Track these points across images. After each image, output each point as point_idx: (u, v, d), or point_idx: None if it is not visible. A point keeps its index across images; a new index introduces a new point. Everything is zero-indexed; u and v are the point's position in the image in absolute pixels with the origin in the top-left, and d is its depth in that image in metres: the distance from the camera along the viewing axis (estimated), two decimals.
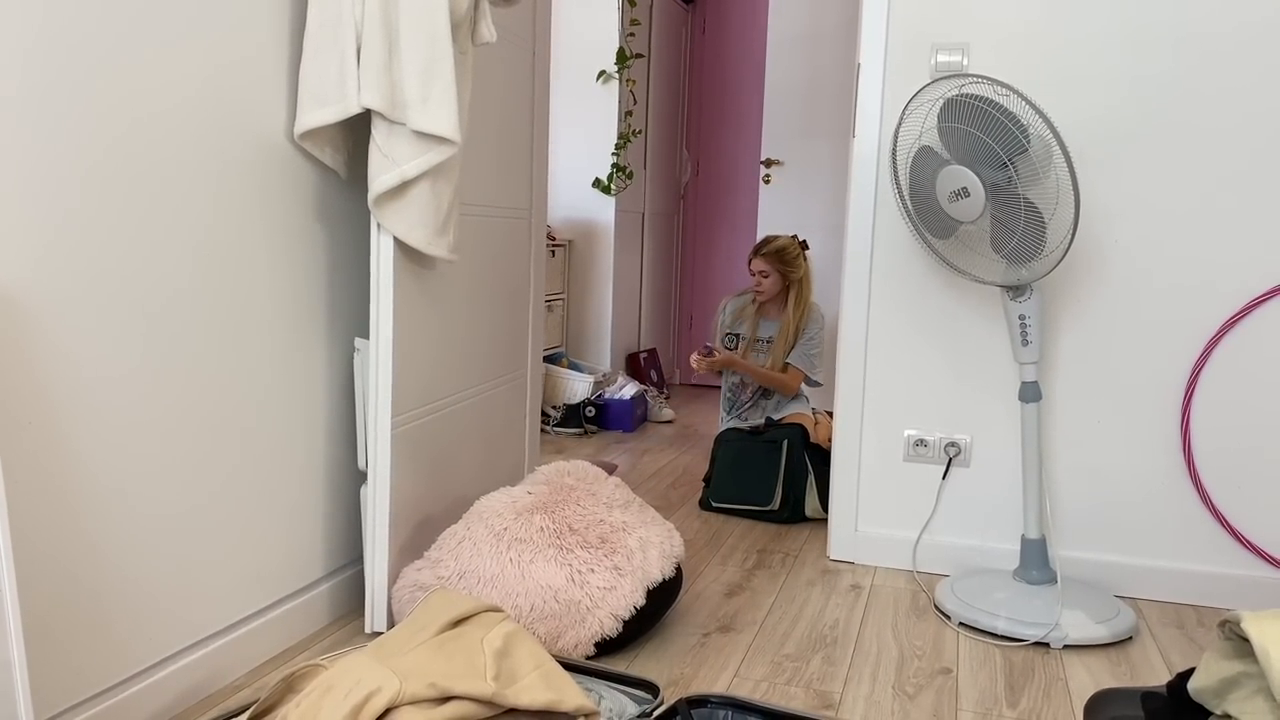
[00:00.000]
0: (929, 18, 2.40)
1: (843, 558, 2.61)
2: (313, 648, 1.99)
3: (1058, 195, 2.03)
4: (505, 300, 2.58)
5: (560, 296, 4.63)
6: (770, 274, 3.36)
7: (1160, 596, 2.38)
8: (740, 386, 3.47)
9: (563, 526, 1.99)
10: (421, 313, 2.10)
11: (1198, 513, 2.35)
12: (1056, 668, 1.99)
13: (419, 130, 1.84)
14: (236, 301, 1.78)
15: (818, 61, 4.50)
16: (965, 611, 2.18)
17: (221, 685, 1.80)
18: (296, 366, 1.96)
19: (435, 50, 1.83)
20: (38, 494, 1.41)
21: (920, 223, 2.22)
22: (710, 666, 1.95)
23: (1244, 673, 1.30)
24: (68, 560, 1.47)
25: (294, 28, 1.89)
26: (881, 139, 2.47)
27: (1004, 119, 2.00)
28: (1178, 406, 2.34)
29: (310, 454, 2.02)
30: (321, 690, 1.28)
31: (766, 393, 3.42)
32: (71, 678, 1.49)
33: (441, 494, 2.25)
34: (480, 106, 2.35)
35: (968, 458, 2.49)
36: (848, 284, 2.54)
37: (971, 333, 2.46)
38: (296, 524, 2.00)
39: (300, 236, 1.95)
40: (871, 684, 1.90)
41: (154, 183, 1.58)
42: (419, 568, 1.98)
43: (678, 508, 3.09)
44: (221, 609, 1.80)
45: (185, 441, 1.68)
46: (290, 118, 1.89)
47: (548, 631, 1.87)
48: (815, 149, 4.57)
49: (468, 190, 2.31)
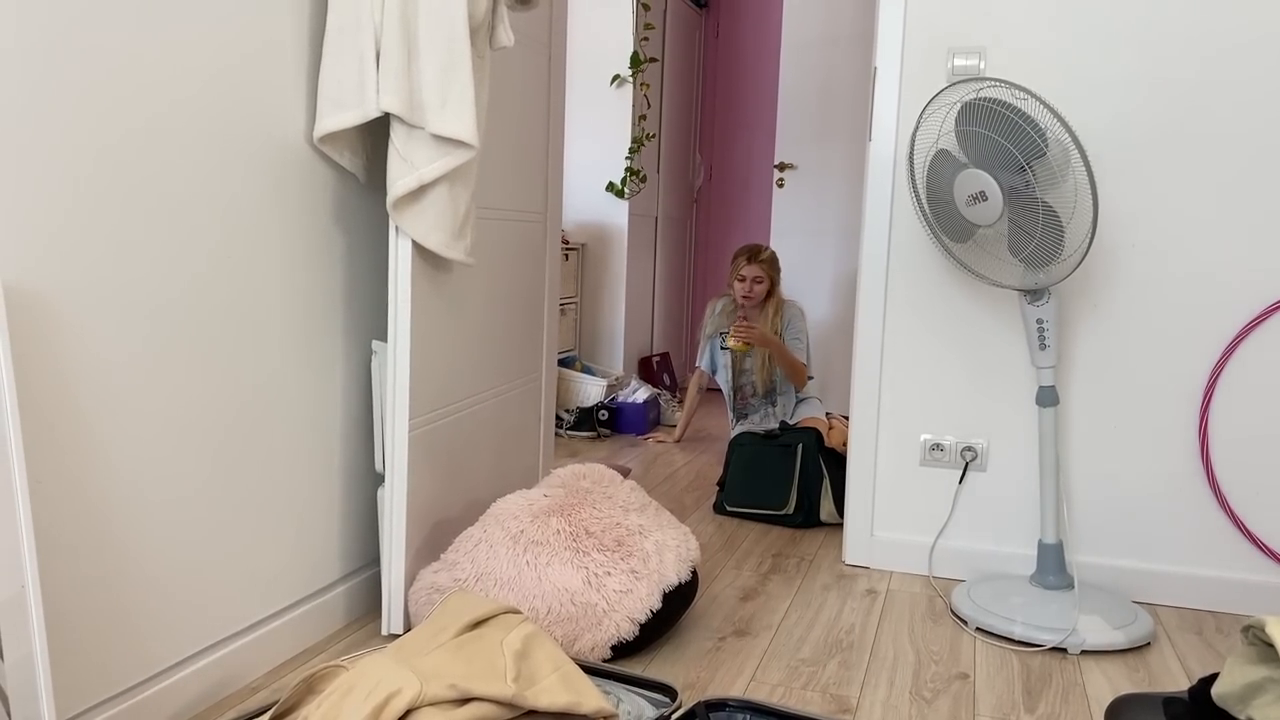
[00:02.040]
0: (945, 22, 2.40)
1: (858, 562, 2.60)
2: (329, 649, 1.99)
3: (1076, 199, 2.03)
4: (520, 303, 2.59)
5: (573, 300, 4.64)
6: (764, 279, 3.54)
7: (1178, 602, 2.37)
8: (741, 390, 3.54)
9: (579, 529, 1.99)
10: (439, 316, 2.11)
11: (1216, 518, 2.34)
12: (1074, 673, 1.98)
13: (437, 134, 1.85)
14: (255, 303, 1.79)
15: (832, 65, 4.50)
16: (982, 616, 2.17)
17: (240, 686, 1.80)
18: (314, 368, 1.96)
19: (453, 54, 1.84)
20: (61, 493, 1.42)
21: (937, 226, 2.21)
22: (726, 670, 1.95)
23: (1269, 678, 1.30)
24: (89, 561, 1.48)
25: (313, 31, 1.89)
26: (898, 143, 2.46)
27: (1022, 123, 2.00)
28: (1196, 411, 2.33)
29: (327, 456, 2.03)
30: (342, 691, 1.28)
31: (770, 397, 3.49)
32: (92, 677, 1.50)
33: (458, 496, 2.26)
34: (497, 110, 2.36)
35: (984, 462, 2.49)
36: (863, 287, 2.53)
37: (988, 337, 2.45)
38: (314, 526, 2.00)
39: (318, 239, 1.95)
40: (889, 689, 1.89)
41: (175, 184, 1.58)
42: (435, 570, 1.98)
43: (692, 511, 3.09)
44: (239, 610, 1.81)
45: (202, 443, 1.69)
46: (309, 121, 1.90)
47: (564, 634, 1.87)
48: (829, 153, 4.57)
49: (484, 193, 2.32)
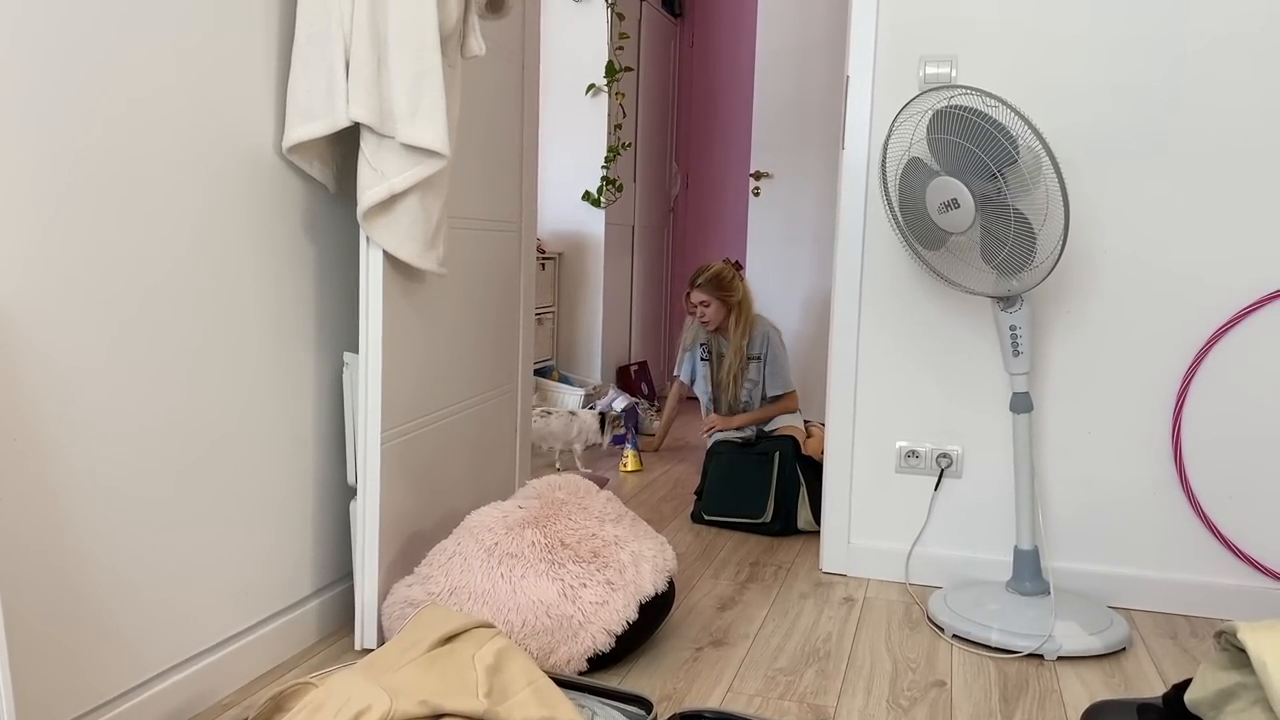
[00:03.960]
0: (917, 30, 2.41)
1: (835, 570, 2.60)
2: (301, 665, 1.97)
3: (1047, 206, 2.04)
4: (495, 313, 2.57)
5: (550, 309, 4.63)
6: (710, 302, 3.48)
7: (1153, 607, 2.38)
8: (716, 401, 3.54)
9: (554, 541, 1.98)
10: (411, 326, 2.09)
11: (1190, 523, 2.35)
12: (1050, 679, 1.98)
13: (408, 143, 1.84)
14: (224, 315, 1.76)
15: (806, 74, 4.51)
16: (958, 624, 2.17)
17: (210, 704, 1.77)
18: (285, 380, 1.94)
19: (424, 63, 1.83)
20: (23, 508, 1.39)
21: (910, 234, 2.22)
22: (703, 681, 1.94)
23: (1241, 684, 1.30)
24: (54, 577, 1.45)
25: (282, 41, 1.88)
26: (871, 151, 2.47)
27: (993, 130, 2.01)
28: (1169, 416, 2.35)
29: (299, 469, 2.00)
30: (311, 709, 1.26)
31: (743, 407, 3.50)
32: (59, 695, 1.47)
33: (431, 509, 2.24)
34: (469, 119, 2.35)
35: (960, 469, 2.49)
36: (838, 295, 2.54)
37: (962, 343, 2.46)
38: (285, 540, 1.98)
39: (289, 250, 1.93)
40: (866, 697, 1.88)
41: (141, 195, 1.56)
42: (409, 584, 1.96)
43: (669, 521, 3.08)
44: (209, 626, 1.78)
45: (172, 456, 1.66)
46: (278, 131, 1.88)
47: (540, 647, 1.86)
48: (804, 161, 4.58)
49: (457, 203, 2.31)
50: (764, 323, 3.53)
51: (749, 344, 3.47)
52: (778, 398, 3.48)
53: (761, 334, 3.49)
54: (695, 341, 3.63)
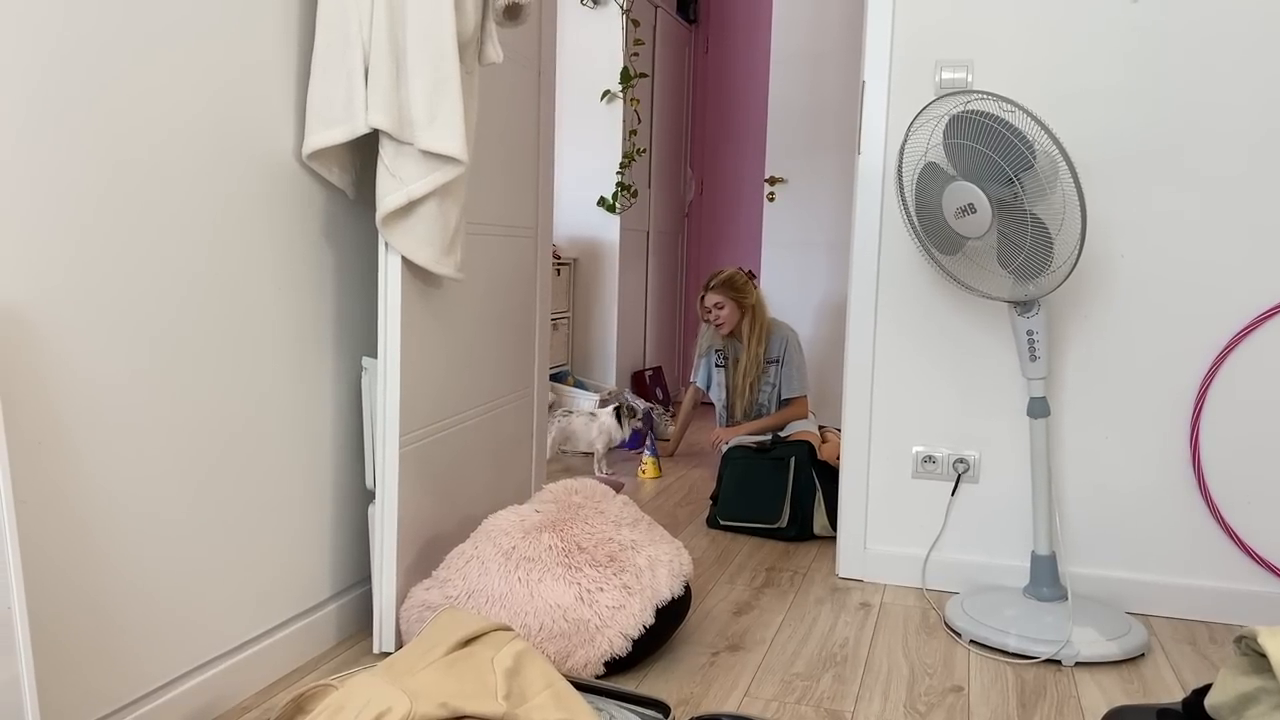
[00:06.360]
0: (933, 35, 2.41)
1: (852, 575, 2.59)
2: (320, 668, 1.98)
3: (1064, 210, 2.03)
4: (511, 318, 2.58)
5: (565, 315, 4.64)
6: (725, 304, 3.53)
7: (1171, 613, 2.37)
8: (731, 406, 3.55)
9: (571, 545, 1.98)
10: (429, 331, 2.10)
11: (1208, 528, 2.34)
12: (1069, 685, 1.97)
13: (426, 150, 1.85)
14: (244, 320, 1.78)
15: (821, 79, 4.52)
16: (976, 629, 2.17)
17: (231, 706, 1.79)
18: (304, 385, 1.96)
19: (442, 70, 1.84)
20: (48, 513, 1.41)
21: (927, 239, 2.22)
22: (720, 685, 1.94)
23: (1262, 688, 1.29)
24: (77, 581, 1.47)
25: (301, 49, 1.90)
26: (887, 156, 2.47)
27: (1010, 135, 2.01)
28: (1187, 421, 2.34)
29: (317, 473, 2.02)
30: (331, 711, 1.27)
31: (759, 411, 3.52)
32: (81, 699, 1.49)
33: (449, 513, 2.25)
34: (486, 126, 2.36)
35: (976, 474, 2.48)
36: (854, 300, 2.54)
37: (979, 348, 2.46)
38: (304, 544, 1.99)
39: (308, 255, 1.95)
40: (883, 703, 1.88)
41: (163, 202, 1.58)
42: (427, 587, 1.97)
43: (685, 525, 3.08)
44: (229, 630, 1.79)
45: (192, 461, 1.68)
46: (298, 138, 1.90)
47: (557, 651, 1.86)
48: (819, 167, 4.58)
49: (474, 209, 2.32)
50: (782, 326, 3.57)
51: (767, 348, 3.49)
52: (788, 401, 3.50)
53: (780, 337, 3.53)
54: (710, 348, 3.64)
